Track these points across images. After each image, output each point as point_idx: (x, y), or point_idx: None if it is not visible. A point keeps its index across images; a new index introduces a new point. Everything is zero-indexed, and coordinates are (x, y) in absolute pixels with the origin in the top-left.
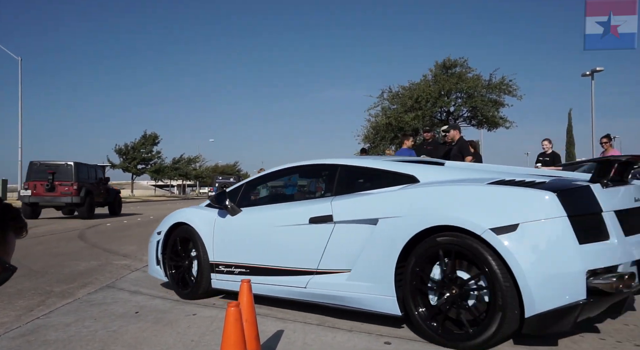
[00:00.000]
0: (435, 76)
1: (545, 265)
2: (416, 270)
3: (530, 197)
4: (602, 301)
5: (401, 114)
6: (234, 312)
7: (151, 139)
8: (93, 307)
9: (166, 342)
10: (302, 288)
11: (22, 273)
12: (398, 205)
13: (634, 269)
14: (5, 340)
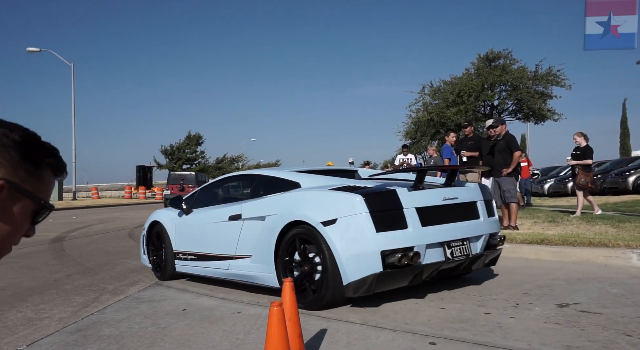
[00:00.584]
0: (478, 69)
1: (352, 247)
2: (284, 253)
3: (346, 198)
4: (400, 273)
5: (443, 109)
6: (277, 311)
7: (195, 139)
8: (143, 304)
9: (212, 340)
10: (226, 270)
11: (78, 270)
12: (276, 206)
13: (420, 253)
14: (63, 335)
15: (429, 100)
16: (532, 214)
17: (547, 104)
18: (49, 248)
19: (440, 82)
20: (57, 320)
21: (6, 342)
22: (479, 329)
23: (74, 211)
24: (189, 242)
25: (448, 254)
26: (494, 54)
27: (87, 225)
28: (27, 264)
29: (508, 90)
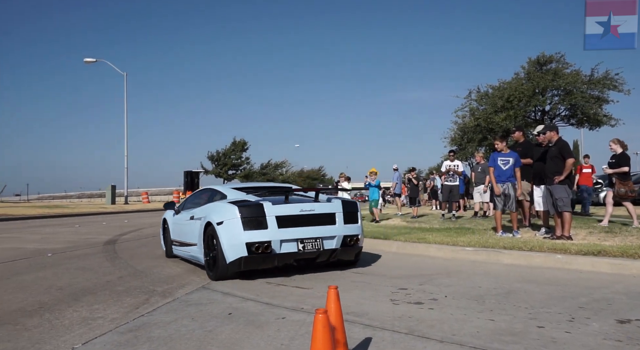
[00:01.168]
0: (528, 73)
1: (230, 239)
2: (205, 242)
3: (229, 208)
4: (259, 257)
5: (491, 115)
6: (322, 318)
7: (240, 145)
8: (190, 307)
9: (258, 345)
10: (189, 253)
11: (129, 272)
12: (205, 211)
13: (272, 245)
14: (116, 335)
15: (476, 105)
16: (587, 224)
17: (602, 109)
18: (102, 250)
19: (488, 87)
20: (110, 320)
21: (63, 340)
22: (532, 343)
23: (126, 215)
24: (176, 234)
25: (300, 247)
26: (545, 57)
27: (138, 229)
28: (82, 265)
29: (561, 94)
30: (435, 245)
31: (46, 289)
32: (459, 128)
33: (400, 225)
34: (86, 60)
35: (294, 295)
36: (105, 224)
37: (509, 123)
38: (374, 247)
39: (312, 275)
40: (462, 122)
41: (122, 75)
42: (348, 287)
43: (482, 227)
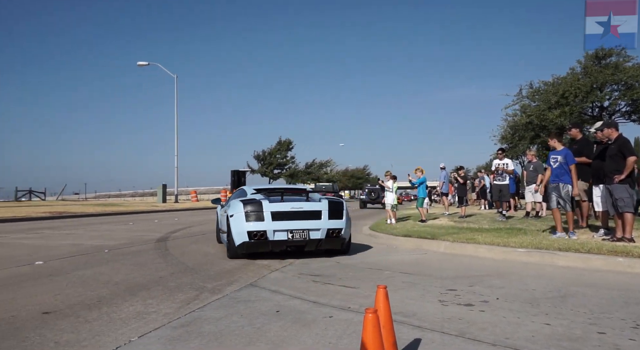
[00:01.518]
0: (585, 68)
1: (237, 228)
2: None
3: (237, 205)
4: (257, 243)
5: (544, 112)
6: (373, 318)
7: (285, 145)
8: (239, 304)
9: (306, 342)
10: (224, 239)
11: (180, 269)
12: (229, 206)
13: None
14: (169, 330)
15: (528, 102)
16: None
17: None
18: (154, 247)
19: (540, 83)
20: (163, 315)
21: (121, 333)
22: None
23: (176, 213)
24: (219, 224)
25: (289, 236)
26: (604, 51)
27: (188, 227)
28: (137, 261)
29: (621, 89)
30: (485, 246)
31: (104, 283)
32: (509, 125)
33: (448, 225)
34: (139, 64)
35: (341, 294)
36: (157, 221)
37: (564, 120)
38: (421, 246)
39: (357, 275)
40: (513, 119)
41: (173, 78)
42: (395, 287)
43: (535, 228)
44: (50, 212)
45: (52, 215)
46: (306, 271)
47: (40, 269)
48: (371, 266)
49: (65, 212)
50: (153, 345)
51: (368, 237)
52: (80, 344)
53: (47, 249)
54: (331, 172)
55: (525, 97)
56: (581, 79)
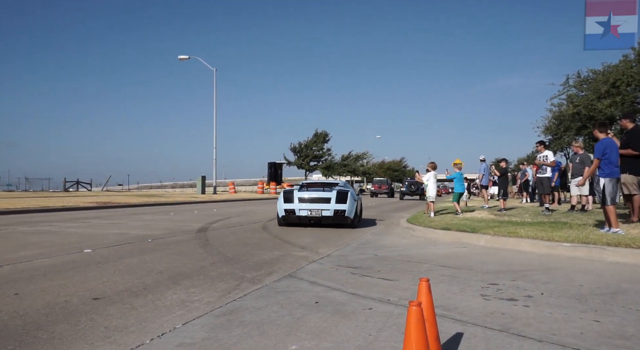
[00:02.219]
0: (639, 55)
1: (279, 206)
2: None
3: (282, 192)
4: (289, 216)
5: (593, 101)
6: (416, 311)
7: (322, 137)
8: (279, 294)
9: (346, 334)
10: None
11: (220, 259)
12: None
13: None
14: (212, 318)
15: (575, 91)
16: None
17: None
18: (195, 237)
19: (589, 72)
20: (205, 303)
21: (166, 320)
22: None
23: (215, 204)
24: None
25: (309, 213)
26: None
27: (226, 218)
28: (179, 250)
29: None
30: (527, 240)
31: (148, 271)
32: (554, 116)
33: (488, 218)
34: (180, 58)
35: (380, 286)
36: (196, 212)
37: (615, 110)
38: (461, 240)
39: (396, 267)
40: (559, 110)
41: (212, 71)
42: (436, 280)
43: (580, 222)
44: (96, 202)
45: (98, 205)
46: (344, 263)
47: (89, 256)
48: (409, 259)
49: (110, 203)
50: (197, 333)
51: (406, 230)
52: (128, 330)
53: (94, 238)
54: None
55: (573, 87)
56: (634, 66)
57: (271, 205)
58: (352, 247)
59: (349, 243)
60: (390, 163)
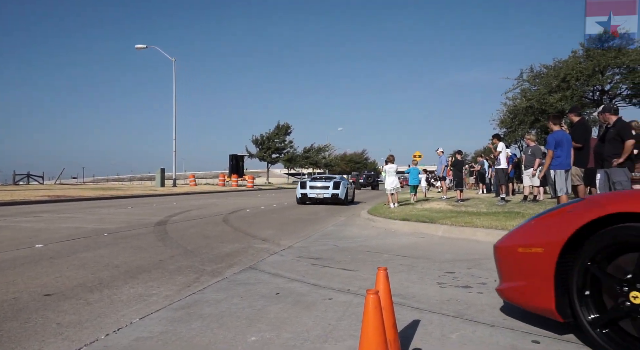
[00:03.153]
0: (587, 51)
1: (297, 191)
2: None
3: (299, 182)
4: (303, 197)
5: (544, 96)
6: (374, 299)
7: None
8: (239, 287)
9: (306, 324)
10: None
11: (179, 252)
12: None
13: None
14: (170, 311)
15: (528, 86)
16: None
17: None
18: (153, 231)
19: (542, 67)
20: (164, 297)
21: (122, 315)
22: None
23: (175, 197)
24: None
25: (316, 196)
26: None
27: (187, 211)
28: (137, 244)
29: (623, 73)
30: (483, 230)
31: (104, 266)
32: (509, 110)
33: (446, 209)
34: (137, 47)
35: (340, 277)
36: (155, 205)
37: (564, 104)
38: (420, 230)
39: (356, 258)
40: (513, 103)
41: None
42: (395, 269)
43: (532, 211)
44: (49, 196)
45: (51, 199)
46: (305, 255)
47: (40, 252)
48: (370, 249)
49: (64, 196)
50: (155, 327)
51: (366, 221)
52: (82, 325)
53: (46, 232)
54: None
55: (526, 81)
56: (583, 62)
57: (233, 198)
58: (314, 239)
59: (310, 235)
60: (352, 155)
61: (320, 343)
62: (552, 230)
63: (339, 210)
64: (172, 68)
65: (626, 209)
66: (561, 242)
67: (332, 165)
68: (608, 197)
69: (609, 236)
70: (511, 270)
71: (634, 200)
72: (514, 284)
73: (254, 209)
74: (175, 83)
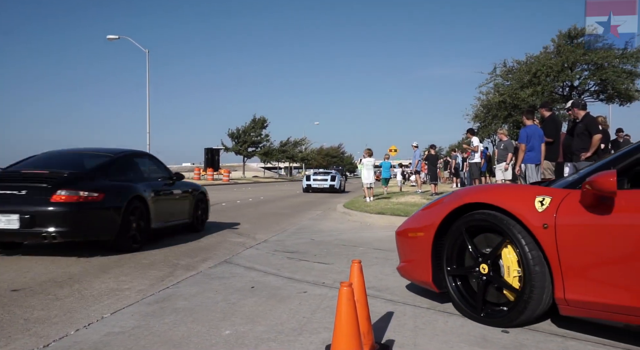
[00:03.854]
0: (558, 47)
1: (303, 182)
2: None
3: (305, 175)
4: (308, 187)
5: (516, 91)
6: (347, 291)
7: (260, 123)
8: (214, 280)
9: (280, 317)
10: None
11: (153, 246)
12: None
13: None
14: (143, 306)
15: (501, 81)
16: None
17: (635, 84)
18: None
19: (514, 62)
20: (136, 291)
21: (93, 310)
22: (560, 318)
23: None
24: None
25: (317, 186)
26: (577, 30)
27: None
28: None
29: (591, 69)
30: None
31: (74, 261)
32: (482, 104)
33: (421, 202)
34: (109, 38)
35: (315, 270)
36: None
37: (536, 99)
38: (395, 223)
39: (332, 251)
40: (486, 98)
41: (145, 53)
42: (369, 263)
43: None
44: None
45: None
46: (281, 248)
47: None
48: (345, 243)
49: None
50: (127, 321)
51: (342, 214)
52: (51, 321)
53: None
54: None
55: (499, 76)
56: (553, 58)
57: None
58: (290, 232)
59: (286, 228)
60: (328, 149)
61: (294, 336)
62: (431, 218)
63: (316, 204)
64: (146, 60)
65: (475, 199)
66: (435, 226)
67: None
68: (466, 190)
69: (463, 221)
70: (404, 251)
71: (482, 193)
72: (406, 262)
73: (229, 203)
74: (149, 75)
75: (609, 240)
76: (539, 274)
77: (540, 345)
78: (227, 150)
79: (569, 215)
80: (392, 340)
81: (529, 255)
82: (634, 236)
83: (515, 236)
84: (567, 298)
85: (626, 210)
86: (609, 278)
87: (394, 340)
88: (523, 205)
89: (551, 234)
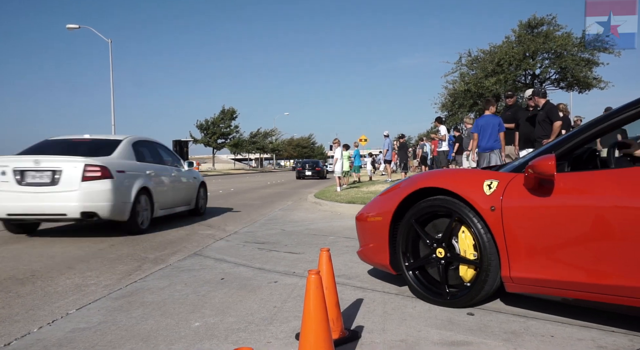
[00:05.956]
0: (519, 37)
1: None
2: None
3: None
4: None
5: (481, 80)
6: (315, 279)
7: (229, 114)
8: (183, 273)
9: (251, 308)
10: None
11: (120, 241)
12: None
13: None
14: (109, 301)
15: (466, 70)
16: None
17: (593, 72)
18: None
19: (479, 51)
20: (103, 286)
21: (57, 306)
22: (521, 299)
23: None
24: None
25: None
26: (536, 20)
27: None
28: (74, 234)
29: (551, 58)
30: None
31: (37, 257)
32: (449, 93)
33: None
34: (69, 27)
35: (286, 260)
36: None
37: (499, 87)
38: None
39: (302, 241)
40: (453, 87)
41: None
42: (339, 251)
43: None
44: None
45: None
46: (251, 239)
47: None
48: (316, 232)
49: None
50: (93, 317)
51: (313, 204)
52: (13, 319)
53: None
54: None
55: (464, 65)
56: (515, 47)
57: None
58: (260, 223)
59: (257, 219)
60: (299, 140)
61: (264, 325)
62: (388, 203)
63: (287, 195)
64: (109, 50)
65: (429, 184)
66: (392, 211)
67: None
68: (421, 175)
69: (412, 213)
70: (364, 236)
71: (435, 178)
72: (365, 246)
73: None
74: (112, 66)
75: (549, 221)
76: (494, 254)
77: (503, 326)
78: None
79: (514, 198)
80: (362, 326)
81: (484, 237)
82: (571, 216)
83: (470, 218)
84: (512, 276)
85: (564, 192)
86: (550, 256)
87: (363, 326)
88: (473, 189)
89: (498, 216)
